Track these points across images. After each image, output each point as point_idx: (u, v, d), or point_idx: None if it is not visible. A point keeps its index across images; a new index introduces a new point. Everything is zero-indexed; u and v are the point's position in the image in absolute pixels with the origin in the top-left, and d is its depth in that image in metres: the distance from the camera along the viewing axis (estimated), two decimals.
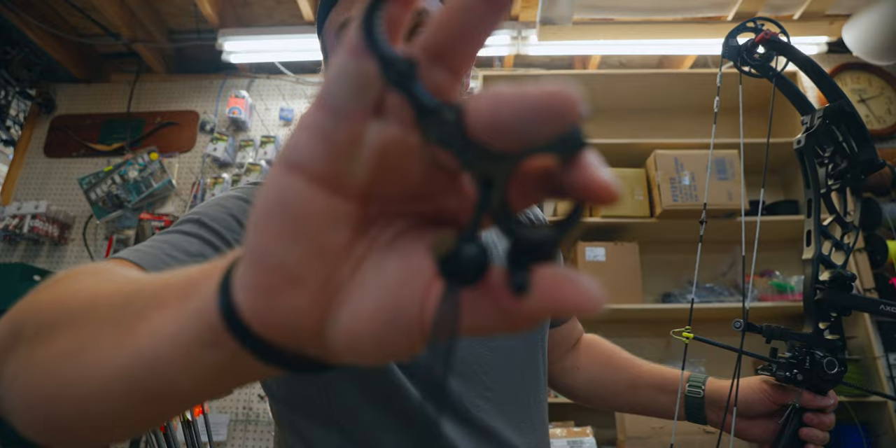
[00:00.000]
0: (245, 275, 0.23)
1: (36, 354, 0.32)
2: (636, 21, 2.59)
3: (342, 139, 0.21)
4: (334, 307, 0.22)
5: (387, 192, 0.23)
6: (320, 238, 0.22)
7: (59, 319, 0.33)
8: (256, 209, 0.22)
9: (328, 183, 0.21)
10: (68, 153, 2.96)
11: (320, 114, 0.21)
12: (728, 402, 0.77)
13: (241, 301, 0.23)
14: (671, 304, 2.38)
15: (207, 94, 3.05)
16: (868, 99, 2.77)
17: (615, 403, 0.93)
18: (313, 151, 0.21)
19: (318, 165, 0.21)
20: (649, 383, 0.88)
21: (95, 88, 3.11)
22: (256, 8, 2.80)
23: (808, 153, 0.76)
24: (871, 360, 2.17)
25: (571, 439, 1.85)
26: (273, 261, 0.22)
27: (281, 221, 0.21)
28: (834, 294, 0.72)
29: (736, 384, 0.75)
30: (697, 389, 0.82)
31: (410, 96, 0.19)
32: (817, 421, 0.72)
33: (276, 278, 0.22)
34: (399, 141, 0.21)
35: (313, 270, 0.22)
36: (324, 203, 0.22)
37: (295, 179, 0.21)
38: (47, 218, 2.70)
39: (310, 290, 0.22)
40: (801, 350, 0.72)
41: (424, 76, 0.20)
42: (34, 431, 0.33)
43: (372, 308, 0.22)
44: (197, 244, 0.55)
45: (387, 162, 0.22)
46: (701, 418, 0.82)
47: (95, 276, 0.39)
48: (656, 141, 2.51)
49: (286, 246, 0.21)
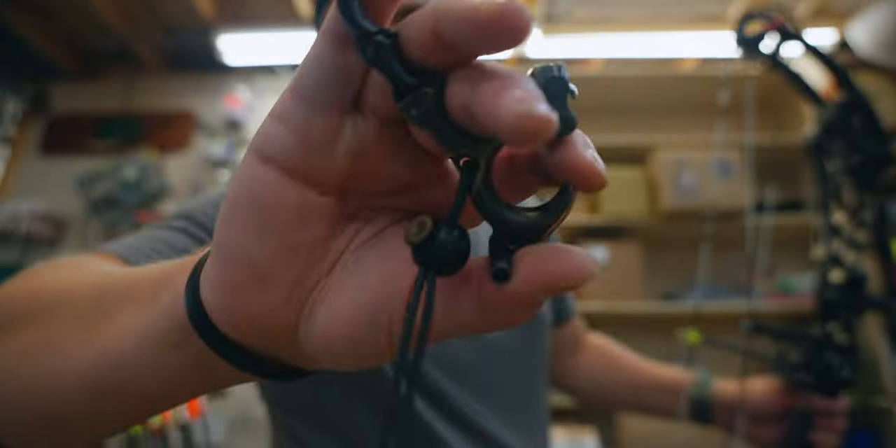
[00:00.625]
0: (212, 271, 0.21)
1: (8, 344, 0.31)
2: (638, 17, 2.58)
3: (318, 132, 0.19)
4: (308, 307, 0.21)
5: (366, 187, 0.21)
6: (291, 233, 0.20)
7: (33, 310, 0.32)
8: (226, 201, 0.21)
9: (301, 176, 0.20)
10: (65, 152, 2.94)
11: (294, 103, 0.20)
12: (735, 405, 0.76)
13: (208, 299, 0.21)
14: (672, 304, 2.37)
15: (205, 93, 3.04)
16: (874, 98, 2.75)
17: (617, 404, 0.92)
18: (286, 143, 0.19)
19: (291, 158, 0.20)
20: (652, 384, 0.87)
21: (92, 87, 3.09)
22: (254, 6, 2.79)
23: (819, 149, 0.75)
24: (877, 362, 2.14)
25: (571, 439, 1.84)
26: (241, 256, 0.20)
27: (249, 214, 0.20)
28: (845, 293, 0.70)
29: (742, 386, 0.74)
30: (703, 391, 0.81)
31: (388, 73, 0.18)
32: (828, 425, 0.71)
33: (244, 275, 0.20)
34: (379, 134, 0.20)
35: (283, 267, 0.20)
36: (296, 196, 0.20)
37: (266, 170, 0.20)
38: (43, 217, 2.68)
39: (280, 288, 0.20)
40: (810, 352, 0.71)
41: (405, 50, 0.18)
42: (4, 425, 0.31)
43: (349, 308, 0.20)
44: (183, 239, 0.54)
45: (366, 156, 0.20)
46: (707, 420, 0.80)
47: (74, 268, 0.38)
48: (658, 141, 2.49)
49: (255, 240, 0.20)
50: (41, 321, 0.30)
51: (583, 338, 0.97)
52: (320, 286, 0.21)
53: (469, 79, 0.17)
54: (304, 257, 0.21)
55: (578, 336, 0.96)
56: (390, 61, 0.18)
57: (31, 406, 0.29)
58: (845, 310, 0.70)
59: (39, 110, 3.04)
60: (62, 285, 0.33)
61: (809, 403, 0.71)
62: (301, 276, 0.21)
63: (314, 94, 0.19)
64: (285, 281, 0.20)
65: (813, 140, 0.74)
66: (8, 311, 0.33)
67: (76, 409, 0.28)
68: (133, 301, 0.26)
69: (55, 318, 0.30)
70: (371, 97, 0.19)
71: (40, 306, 0.32)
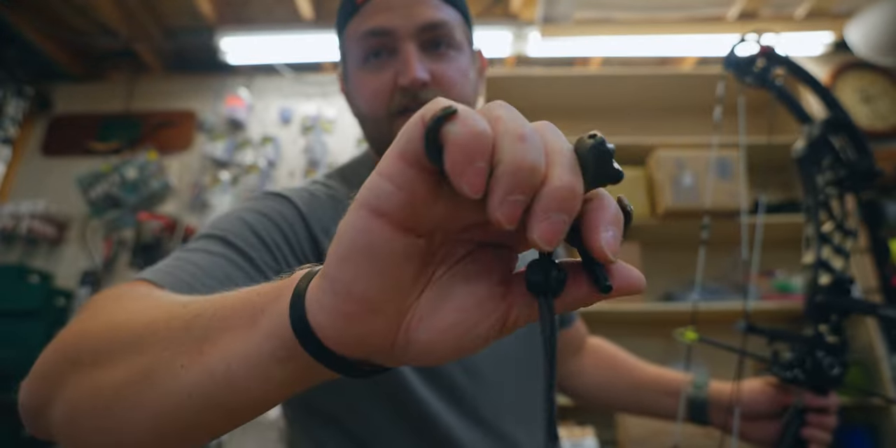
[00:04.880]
0: (326, 300, 0.25)
1: (98, 380, 0.34)
2: (638, 19, 2.59)
3: (424, 191, 0.24)
4: (405, 328, 0.26)
5: (450, 227, 0.26)
6: (398, 273, 0.25)
7: (117, 346, 0.35)
8: (341, 246, 0.25)
9: (409, 227, 0.24)
10: (66, 152, 2.95)
11: (403, 165, 0.23)
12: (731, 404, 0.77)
13: (319, 322, 0.26)
14: (672, 304, 2.37)
15: (206, 94, 3.05)
16: (873, 98, 2.76)
17: (619, 405, 0.94)
18: (397, 201, 0.23)
19: (400, 213, 0.24)
20: (652, 385, 0.89)
21: (93, 87, 3.10)
22: (255, 6, 2.79)
23: (807, 162, 0.78)
24: (874, 361, 2.15)
25: (572, 439, 1.84)
26: (357, 293, 0.25)
27: (367, 261, 0.24)
28: (833, 297, 0.73)
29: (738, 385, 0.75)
30: (701, 391, 0.83)
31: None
32: (819, 421, 0.73)
33: (360, 307, 0.25)
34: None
35: (390, 300, 0.25)
36: (402, 243, 0.24)
37: (380, 224, 0.24)
38: (45, 218, 2.69)
39: (387, 316, 0.26)
40: (802, 351, 0.74)
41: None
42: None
43: (450, 323, 0.26)
44: (224, 265, 0.55)
45: (455, 205, 0.25)
46: (705, 420, 0.83)
47: (138, 301, 0.42)
48: (657, 141, 2.50)
49: (371, 282, 0.24)
50: (133, 353, 0.34)
51: (585, 340, 0.99)
52: (413, 309, 0.26)
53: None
54: (406, 290, 0.26)
55: (581, 338, 0.98)
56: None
57: (143, 424, 0.32)
58: (833, 312, 0.73)
59: (41, 111, 3.05)
60: (138, 320, 0.36)
61: (802, 401, 0.73)
62: (402, 305, 0.26)
63: (420, 159, 0.23)
64: (391, 310, 0.26)
65: (801, 153, 0.78)
66: (89, 348, 0.37)
67: (185, 423, 0.32)
68: (228, 329, 0.31)
69: (147, 350, 0.33)
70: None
71: (125, 342, 0.35)
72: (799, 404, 0.73)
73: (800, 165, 0.79)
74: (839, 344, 0.73)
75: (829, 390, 0.74)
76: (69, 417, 0.35)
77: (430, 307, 0.26)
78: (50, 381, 0.37)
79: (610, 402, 0.94)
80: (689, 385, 0.84)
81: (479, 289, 0.26)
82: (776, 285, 2.37)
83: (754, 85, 0.82)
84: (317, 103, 2.99)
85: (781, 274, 2.42)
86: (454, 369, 0.67)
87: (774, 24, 2.57)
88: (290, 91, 3.04)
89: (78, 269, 2.72)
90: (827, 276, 0.74)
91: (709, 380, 0.85)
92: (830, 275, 0.74)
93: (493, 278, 0.26)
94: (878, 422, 2.19)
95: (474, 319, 0.26)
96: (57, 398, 0.36)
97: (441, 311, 0.26)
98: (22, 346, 2.28)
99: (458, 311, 0.26)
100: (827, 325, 0.73)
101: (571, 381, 0.96)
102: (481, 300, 0.26)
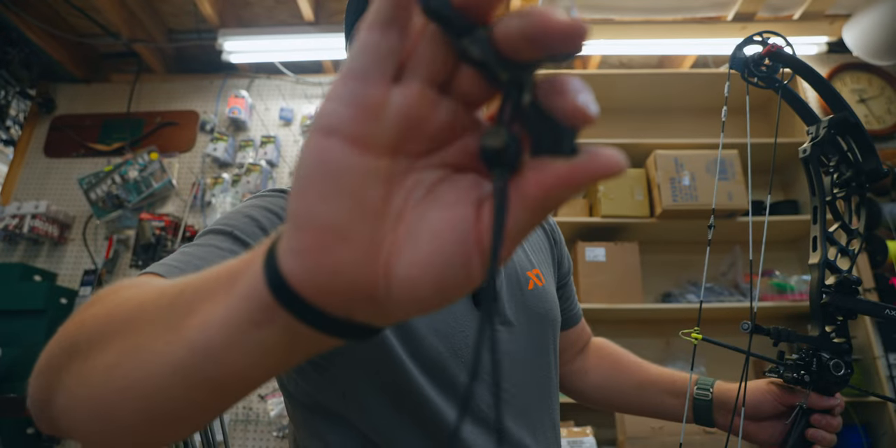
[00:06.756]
0: (292, 240, 0.24)
1: (91, 364, 0.33)
2: (636, 21, 2.60)
3: (370, 102, 0.23)
4: (384, 262, 0.24)
5: (412, 147, 0.25)
6: (360, 194, 0.24)
7: (109, 329, 0.34)
8: (298, 176, 0.24)
9: (361, 142, 0.24)
10: (68, 153, 2.96)
11: (349, 82, 0.24)
12: (736, 405, 0.77)
13: (290, 268, 0.24)
14: (671, 304, 2.39)
15: (207, 94, 3.05)
16: (868, 99, 2.78)
17: (623, 406, 0.94)
18: (344, 115, 0.23)
19: (350, 127, 0.23)
20: (657, 386, 0.89)
21: (95, 88, 3.10)
22: (256, 8, 2.80)
23: (813, 162, 0.78)
24: (870, 359, 2.17)
25: (571, 439, 1.85)
26: (320, 220, 0.23)
27: (323, 182, 0.23)
28: (840, 298, 0.73)
29: (744, 386, 0.76)
30: (706, 392, 0.83)
31: (447, 22, 0.23)
32: (824, 422, 0.73)
33: (326, 236, 0.23)
34: (420, 96, 0.24)
35: (358, 225, 0.24)
36: (359, 160, 0.24)
37: (331, 142, 0.23)
38: (47, 218, 2.69)
39: (358, 244, 0.24)
40: (808, 352, 0.73)
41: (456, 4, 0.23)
42: (98, 440, 0.34)
43: (428, 254, 0.24)
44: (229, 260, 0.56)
45: (411, 117, 0.24)
46: (709, 421, 0.82)
47: (131, 289, 0.40)
48: (656, 141, 2.51)
49: (331, 204, 0.23)
50: (123, 335, 0.33)
51: (589, 340, 0.99)
52: (389, 242, 0.24)
53: (517, 14, 0.22)
54: (373, 215, 0.24)
55: (585, 338, 0.98)
56: (449, 12, 0.23)
57: (132, 405, 0.31)
58: (840, 313, 0.72)
59: (44, 112, 3.05)
60: (131, 303, 0.36)
61: (807, 402, 0.73)
62: (373, 234, 0.24)
63: (364, 73, 0.23)
64: (362, 238, 0.24)
65: (807, 153, 0.77)
66: (86, 335, 0.36)
67: (173, 402, 0.30)
68: (208, 298, 0.29)
69: (136, 329, 0.33)
70: (415, 66, 0.24)
71: (117, 324, 0.34)
72: (804, 405, 0.73)
73: (806, 166, 0.78)
74: (844, 345, 0.72)
75: (835, 391, 0.73)
76: (68, 406, 0.35)
77: (406, 239, 0.24)
78: (51, 373, 0.36)
79: (614, 402, 0.94)
80: (694, 385, 0.84)
81: (452, 214, 0.24)
82: (773, 285, 2.38)
83: (761, 85, 0.81)
84: (317, 104, 2.99)
85: (779, 274, 2.44)
86: (459, 368, 0.67)
87: (771, 25, 2.58)
88: (291, 92, 3.04)
89: (80, 268, 2.73)
90: (833, 277, 0.74)
91: (714, 381, 0.84)
92: (836, 275, 0.74)
93: (466, 203, 0.24)
94: (873, 420, 2.22)
95: (450, 247, 0.23)
96: (58, 389, 0.35)
97: (417, 242, 0.24)
98: (26, 345, 2.29)
99: (433, 240, 0.24)
100: (833, 325, 0.73)
101: (574, 381, 0.96)
102: (454, 224, 0.24)
